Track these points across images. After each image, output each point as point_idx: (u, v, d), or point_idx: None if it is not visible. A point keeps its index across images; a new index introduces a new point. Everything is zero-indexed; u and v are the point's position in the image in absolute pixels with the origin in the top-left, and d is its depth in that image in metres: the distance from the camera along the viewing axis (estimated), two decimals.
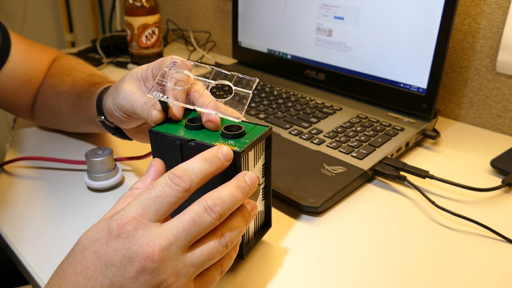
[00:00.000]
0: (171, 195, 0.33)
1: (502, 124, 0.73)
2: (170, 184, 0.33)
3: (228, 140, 0.40)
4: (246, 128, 0.41)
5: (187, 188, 0.34)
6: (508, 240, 0.48)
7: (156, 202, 0.33)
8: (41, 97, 0.67)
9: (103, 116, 0.55)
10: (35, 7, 1.54)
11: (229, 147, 0.38)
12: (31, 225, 0.51)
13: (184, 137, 0.40)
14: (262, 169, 0.44)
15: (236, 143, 0.39)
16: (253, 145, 0.40)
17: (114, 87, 0.51)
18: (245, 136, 0.40)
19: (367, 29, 0.73)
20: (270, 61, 0.91)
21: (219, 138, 0.40)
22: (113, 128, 0.56)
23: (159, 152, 0.42)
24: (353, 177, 0.55)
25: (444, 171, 0.59)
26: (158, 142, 0.42)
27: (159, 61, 0.47)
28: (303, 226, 0.50)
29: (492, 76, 0.72)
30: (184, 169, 0.35)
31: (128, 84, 0.48)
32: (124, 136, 0.57)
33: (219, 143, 0.39)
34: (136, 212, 0.33)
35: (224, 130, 0.40)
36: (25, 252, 0.47)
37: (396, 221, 0.51)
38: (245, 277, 0.43)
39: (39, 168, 0.62)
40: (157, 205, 0.33)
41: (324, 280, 0.43)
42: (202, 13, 1.20)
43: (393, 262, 0.45)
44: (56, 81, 0.65)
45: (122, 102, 0.48)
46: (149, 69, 0.48)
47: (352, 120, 0.69)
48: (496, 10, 0.69)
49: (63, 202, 0.55)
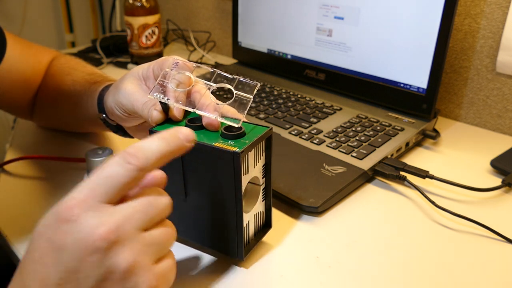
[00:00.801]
0: (123, 175, 0.31)
1: (502, 124, 0.73)
2: (121, 163, 0.31)
3: (228, 141, 0.40)
4: (246, 128, 0.41)
5: (141, 166, 0.31)
6: (508, 240, 0.48)
7: (106, 182, 0.31)
8: (41, 97, 0.67)
9: (105, 114, 0.55)
10: (35, 7, 1.54)
11: (229, 147, 0.38)
12: (31, 225, 0.51)
13: None
14: (262, 170, 0.44)
15: (236, 144, 0.39)
16: (253, 146, 0.40)
17: (115, 86, 0.51)
18: (245, 137, 0.40)
19: (367, 29, 0.73)
20: (270, 61, 0.91)
21: (219, 138, 0.40)
22: (114, 126, 0.56)
23: None
24: (353, 177, 0.55)
25: (444, 171, 0.59)
26: None
27: (160, 60, 0.47)
28: (303, 226, 0.50)
29: (492, 76, 0.72)
30: (139, 146, 0.32)
31: (129, 83, 0.48)
32: (126, 134, 0.57)
33: (219, 144, 0.39)
34: (85, 194, 0.30)
35: (224, 131, 0.40)
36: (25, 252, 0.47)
37: (396, 221, 0.51)
38: (245, 278, 0.43)
39: (39, 168, 0.62)
40: (107, 186, 0.31)
41: (324, 280, 0.43)
42: (202, 13, 1.20)
43: (393, 262, 0.45)
44: (56, 81, 0.65)
45: (122, 100, 0.48)
46: (150, 68, 0.48)
47: (352, 120, 0.69)
48: (496, 10, 0.69)
49: None
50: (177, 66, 0.44)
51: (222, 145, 0.39)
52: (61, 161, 0.63)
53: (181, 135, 0.34)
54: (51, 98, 0.65)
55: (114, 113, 0.51)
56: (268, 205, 0.46)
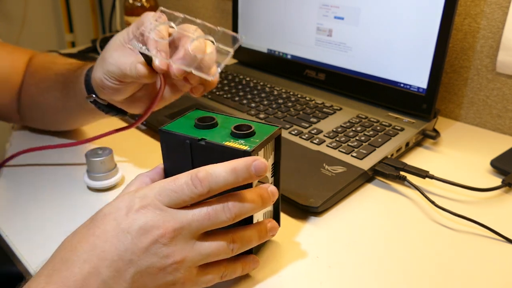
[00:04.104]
0: (186, 195, 0.35)
1: (502, 124, 0.73)
2: (189, 184, 0.35)
3: (239, 140, 0.40)
4: (256, 127, 0.42)
5: (203, 193, 0.35)
6: (508, 240, 0.48)
7: (171, 195, 0.35)
8: (25, 97, 0.66)
9: (94, 94, 0.54)
10: (35, 7, 1.54)
11: (239, 146, 0.38)
12: (31, 225, 0.51)
13: (194, 136, 0.40)
14: (271, 169, 0.44)
15: (246, 143, 0.39)
16: (263, 145, 0.40)
17: (100, 58, 0.51)
18: (255, 136, 0.41)
19: (367, 29, 0.73)
20: (270, 61, 0.91)
21: (229, 137, 0.40)
22: (105, 106, 0.55)
23: (169, 151, 0.42)
24: (353, 177, 0.55)
25: (444, 171, 0.59)
26: (168, 142, 0.42)
27: (139, 20, 0.47)
28: (303, 226, 0.50)
29: (492, 76, 0.72)
30: (208, 174, 0.36)
31: (113, 50, 0.48)
32: (118, 112, 0.56)
33: (229, 143, 0.39)
34: (155, 196, 0.36)
35: (234, 130, 0.40)
36: (25, 252, 0.47)
37: (396, 221, 0.51)
38: (245, 277, 0.43)
39: (39, 168, 0.62)
40: (172, 198, 0.35)
41: (324, 280, 0.43)
42: (202, 13, 1.20)
43: (393, 262, 0.45)
44: (38, 77, 0.64)
45: (110, 68, 0.48)
46: (129, 30, 0.48)
47: (352, 120, 0.69)
48: (496, 10, 0.69)
49: (63, 202, 0.55)
50: (160, 18, 0.44)
51: (233, 144, 0.39)
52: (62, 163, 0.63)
53: (253, 170, 0.36)
54: (36, 95, 0.64)
55: (105, 85, 0.50)
56: (276, 204, 0.46)
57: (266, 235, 0.41)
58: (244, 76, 0.90)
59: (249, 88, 0.84)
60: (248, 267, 0.41)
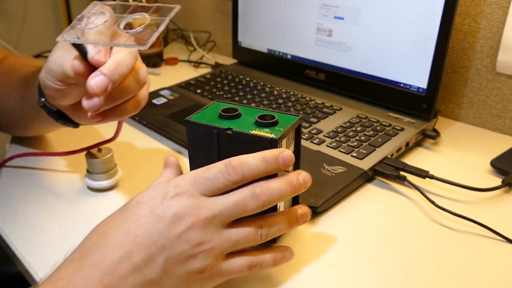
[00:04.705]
0: (221, 182, 0.37)
1: (502, 124, 0.73)
2: (223, 172, 0.37)
3: (263, 128, 0.41)
4: (278, 117, 0.43)
5: (237, 180, 0.37)
6: (508, 240, 0.48)
7: (207, 183, 0.37)
8: None
9: (44, 98, 0.51)
10: (35, 7, 1.54)
11: (265, 134, 0.39)
12: (31, 225, 0.51)
13: (221, 126, 0.41)
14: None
15: (271, 131, 0.40)
16: (287, 133, 0.41)
17: (47, 58, 0.48)
18: (278, 125, 0.42)
19: (367, 29, 0.73)
20: (270, 61, 0.91)
21: (254, 126, 0.41)
22: (55, 112, 0.52)
23: (195, 142, 0.43)
24: (353, 177, 0.55)
25: (444, 171, 0.59)
26: (195, 132, 0.42)
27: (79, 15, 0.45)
28: (303, 226, 0.50)
29: (492, 76, 0.72)
30: (241, 162, 0.37)
31: (59, 48, 0.46)
32: (68, 121, 0.54)
33: (255, 131, 0.40)
34: (190, 184, 0.37)
35: (259, 119, 0.41)
36: (25, 252, 0.47)
37: (396, 221, 0.51)
38: (245, 278, 0.43)
39: (39, 168, 0.62)
40: (207, 185, 0.37)
41: (324, 280, 0.43)
42: (202, 13, 1.20)
43: (393, 262, 0.45)
44: (5, 79, 0.61)
45: (52, 66, 0.45)
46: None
47: (352, 120, 0.69)
48: (496, 10, 0.69)
49: (63, 202, 0.55)
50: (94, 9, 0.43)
51: (259, 132, 0.40)
52: (62, 163, 0.63)
53: (281, 160, 0.38)
54: (0, 98, 0.61)
55: (47, 85, 0.47)
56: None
57: (296, 221, 0.41)
58: (244, 76, 0.90)
59: (249, 88, 0.84)
60: (280, 258, 0.41)
